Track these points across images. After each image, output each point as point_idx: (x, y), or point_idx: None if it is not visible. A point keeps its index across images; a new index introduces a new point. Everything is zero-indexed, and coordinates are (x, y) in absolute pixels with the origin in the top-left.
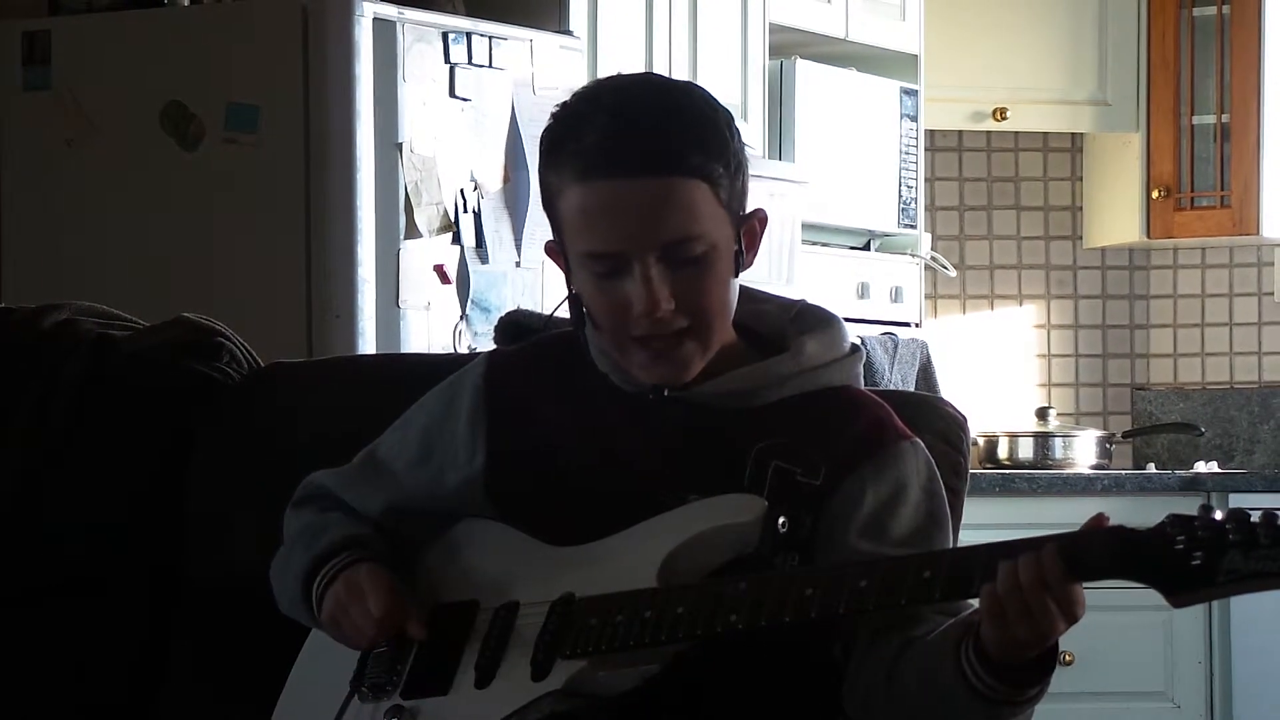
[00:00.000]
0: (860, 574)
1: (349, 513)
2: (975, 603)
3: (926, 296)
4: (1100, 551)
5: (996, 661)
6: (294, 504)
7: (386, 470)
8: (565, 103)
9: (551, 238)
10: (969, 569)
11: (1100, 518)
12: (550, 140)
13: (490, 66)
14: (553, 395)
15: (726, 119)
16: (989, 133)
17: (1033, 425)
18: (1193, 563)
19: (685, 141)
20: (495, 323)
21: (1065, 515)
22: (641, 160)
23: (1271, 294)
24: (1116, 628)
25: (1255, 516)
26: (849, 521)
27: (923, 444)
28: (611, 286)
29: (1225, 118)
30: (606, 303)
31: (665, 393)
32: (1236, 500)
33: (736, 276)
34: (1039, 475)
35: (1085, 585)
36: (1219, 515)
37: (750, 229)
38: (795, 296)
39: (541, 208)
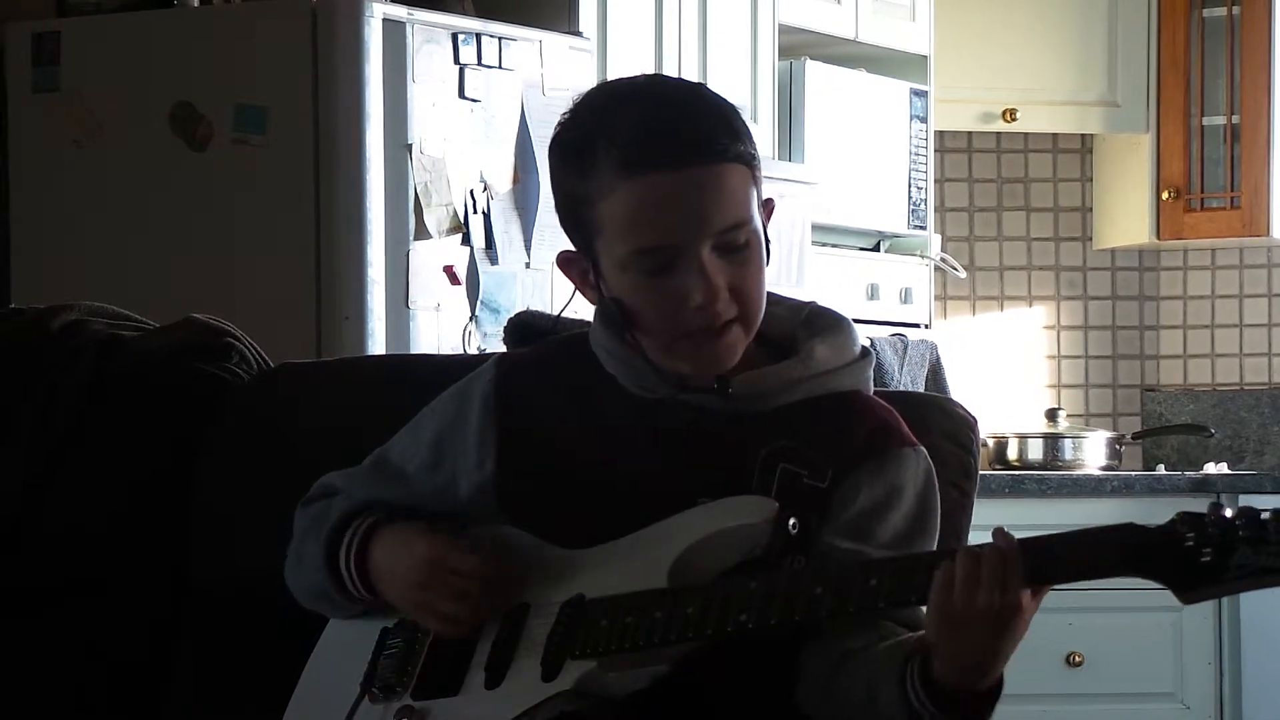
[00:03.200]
0: (871, 572)
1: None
2: None
3: (936, 298)
4: (1111, 548)
5: (941, 688)
6: (304, 503)
7: (398, 474)
8: (575, 109)
9: (566, 250)
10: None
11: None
12: (573, 145)
13: (500, 67)
14: (563, 399)
15: (739, 111)
16: (998, 134)
17: (1042, 426)
18: (1202, 559)
19: (725, 128)
20: (505, 323)
21: (1075, 516)
22: (689, 149)
23: None
24: (1126, 629)
25: (1265, 514)
26: (837, 521)
27: (926, 452)
28: (662, 283)
29: (1235, 119)
30: (659, 300)
31: (731, 388)
32: (1247, 501)
33: (769, 264)
34: (1048, 476)
35: (1097, 584)
36: (1229, 512)
37: (767, 219)
38: (805, 298)
39: (558, 219)
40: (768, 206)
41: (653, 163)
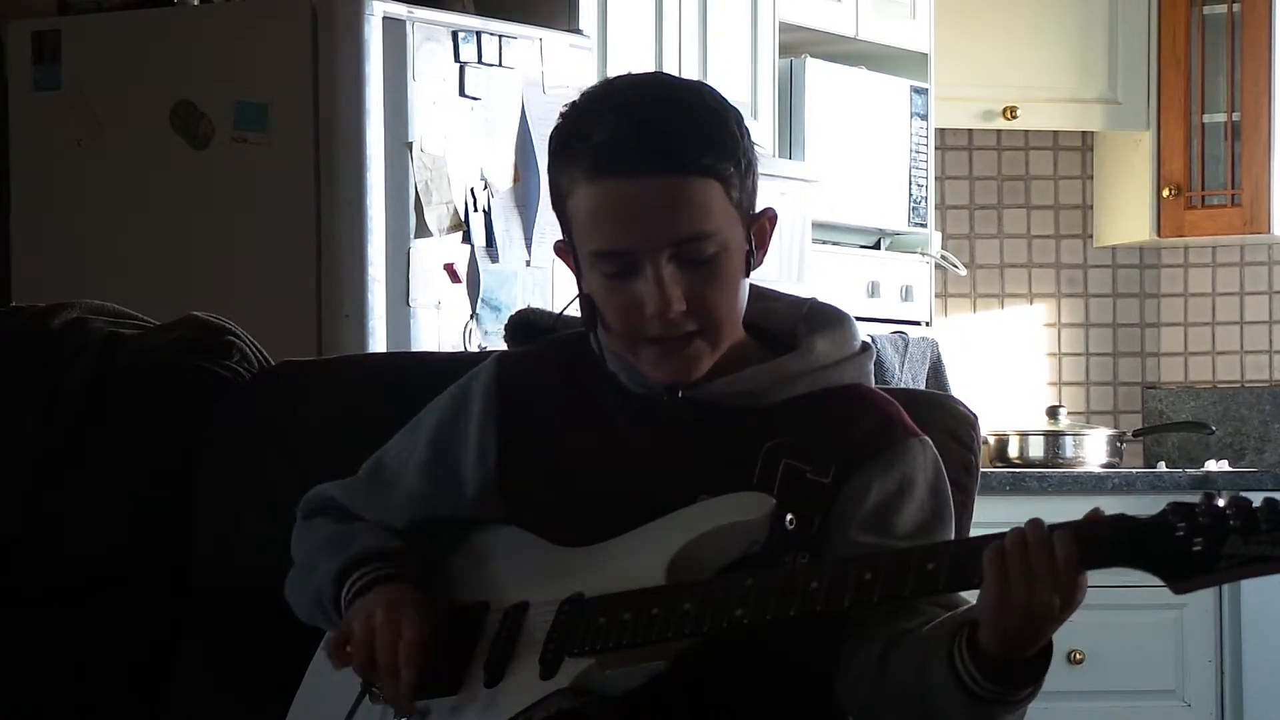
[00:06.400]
0: (865, 567)
1: (375, 525)
2: (974, 599)
3: (937, 295)
4: (1103, 539)
5: (990, 659)
6: (303, 516)
7: (396, 478)
8: (574, 102)
9: (561, 237)
10: (972, 559)
11: (1097, 511)
12: (559, 139)
13: (500, 65)
14: (562, 396)
15: (736, 118)
16: (999, 131)
17: (1043, 424)
18: (1194, 549)
19: (697, 141)
20: (505, 321)
21: (1075, 514)
22: (653, 160)
23: None
24: (1127, 626)
25: (1256, 502)
26: (852, 516)
27: (931, 442)
28: (622, 286)
29: (1236, 116)
30: (618, 303)
31: (680, 394)
32: None
33: (747, 276)
34: (1049, 474)
35: (1095, 581)
36: (1220, 502)
37: (760, 228)
38: (806, 295)
39: (551, 207)
40: (766, 215)
41: (613, 169)
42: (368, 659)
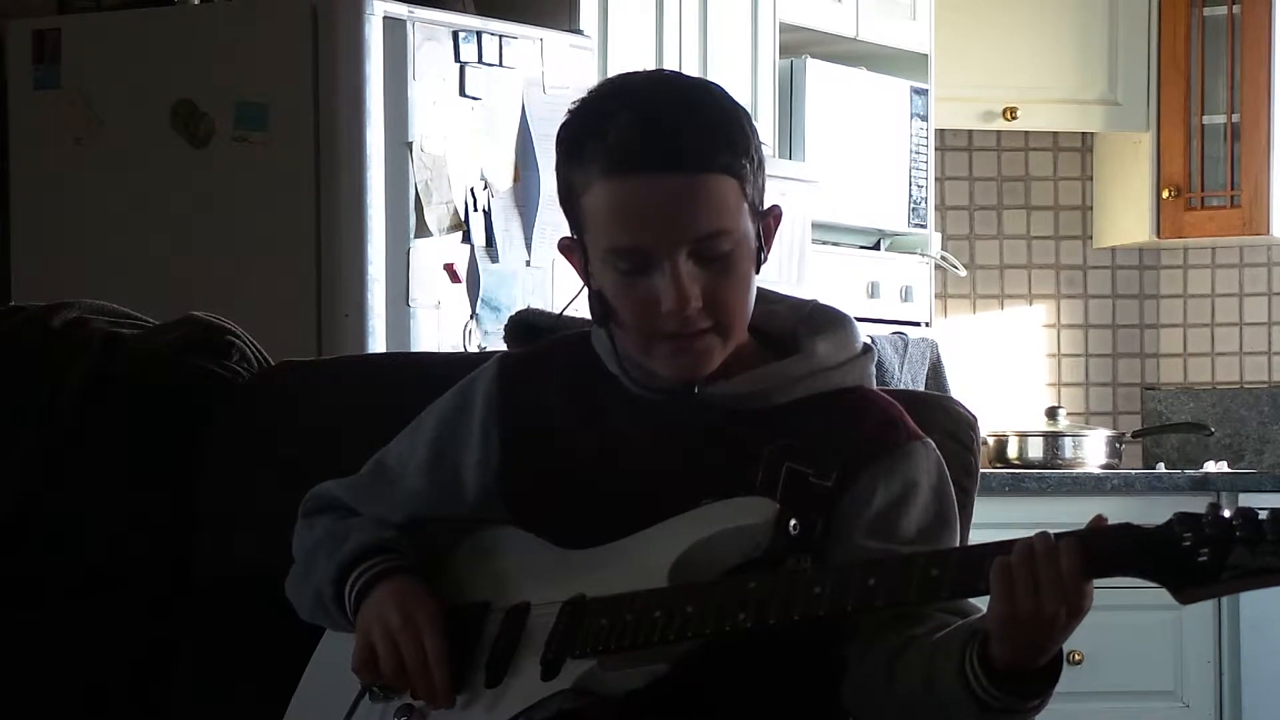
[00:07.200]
0: (868, 572)
1: (369, 519)
2: (984, 606)
3: (936, 296)
4: (1108, 548)
5: (1001, 670)
6: (305, 514)
7: (396, 478)
8: (583, 99)
9: (565, 235)
10: (977, 566)
11: (1100, 519)
12: (571, 137)
13: (500, 65)
14: (565, 398)
15: (746, 115)
16: (999, 132)
17: (1042, 425)
18: (1199, 559)
19: (714, 138)
20: (505, 322)
21: (1075, 515)
22: (672, 157)
23: None
24: (1126, 627)
25: (1262, 514)
26: (858, 520)
27: (934, 445)
28: (638, 283)
29: (1235, 117)
30: (633, 300)
31: (696, 390)
32: (1246, 500)
33: (757, 273)
34: (1049, 475)
35: (1095, 583)
36: (1226, 513)
37: (767, 226)
38: (806, 296)
39: (558, 204)
40: (772, 213)
41: (632, 167)
42: (398, 669)
